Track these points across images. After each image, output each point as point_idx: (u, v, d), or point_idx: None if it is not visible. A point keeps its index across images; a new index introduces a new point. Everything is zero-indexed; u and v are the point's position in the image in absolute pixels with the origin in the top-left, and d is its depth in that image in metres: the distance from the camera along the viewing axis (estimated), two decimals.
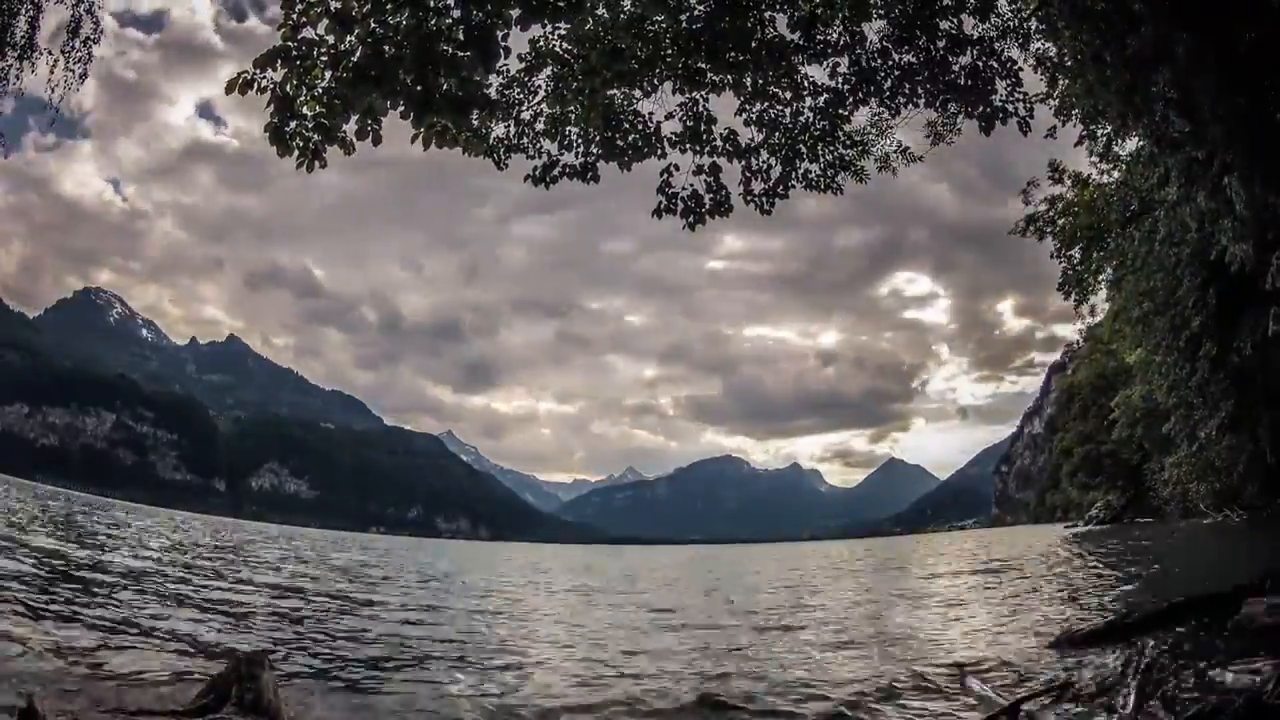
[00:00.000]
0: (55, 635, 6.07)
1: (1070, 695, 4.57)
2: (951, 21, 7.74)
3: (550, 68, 7.31)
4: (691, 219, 7.52)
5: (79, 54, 10.19)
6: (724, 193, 7.66)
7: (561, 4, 4.84)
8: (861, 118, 8.39)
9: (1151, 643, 4.90)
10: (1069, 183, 17.08)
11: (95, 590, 8.91)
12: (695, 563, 36.31)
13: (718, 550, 72.49)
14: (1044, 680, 5.12)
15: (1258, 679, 3.91)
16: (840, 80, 7.95)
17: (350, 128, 4.94)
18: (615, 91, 7.41)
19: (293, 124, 4.88)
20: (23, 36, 9.68)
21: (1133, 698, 4.13)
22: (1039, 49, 8.90)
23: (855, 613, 11.03)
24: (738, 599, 14.24)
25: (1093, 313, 19.87)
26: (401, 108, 4.70)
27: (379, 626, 8.79)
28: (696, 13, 7.23)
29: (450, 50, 4.69)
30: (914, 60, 7.80)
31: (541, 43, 7.26)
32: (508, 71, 7.34)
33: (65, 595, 8.17)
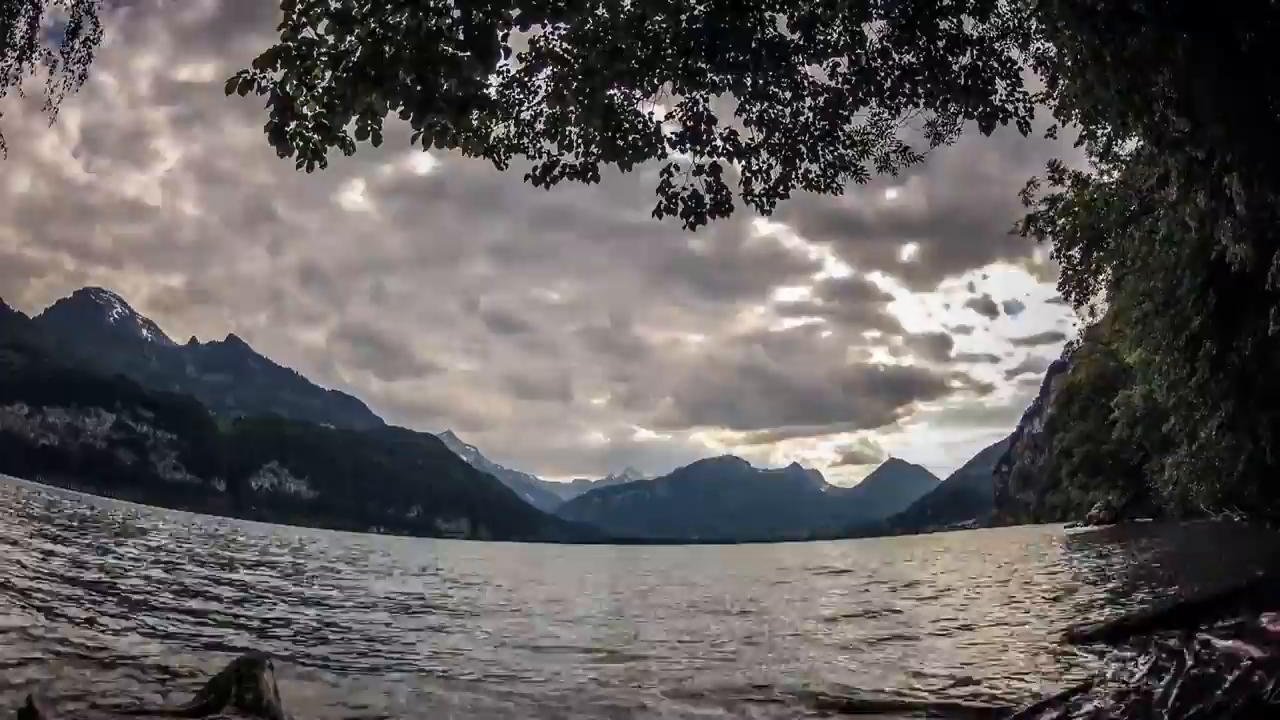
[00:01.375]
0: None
1: (1092, 695, 4.56)
2: (951, 21, 7.73)
3: (550, 68, 7.29)
4: (692, 219, 7.52)
5: (78, 54, 10.19)
6: (724, 193, 7.65)
7: (561, 4, 4.84)
8: (861, 118, 8.38)
9: (1196, 640, 4.87)
10: (1069, 183, 17.06)
11: None
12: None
13: (721, 551, 72.52)
14: (1067, 678, 5.12)
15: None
16: (840, 80, 7.94)
17: (350, 128, 4.93)
18: (615, 91, 7.39)
19: (293, 124, 4.87)
20: (22, 37, 9.68)
21: (1174, 696, 4.12)
22: (1039, 49, 8.88)
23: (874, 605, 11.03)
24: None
25: (1093, 313, 19.86)
26: (401, 107, 4.70)
27: None
28: (696, 13, 7.21)
29: (450, 50, 4.68)
30: (914, 60, 7.79)
31: (541, 43, 7.24)
32: (508, 71, 7.33)
33: None
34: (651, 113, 7.57)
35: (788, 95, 7.89)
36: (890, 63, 7.81)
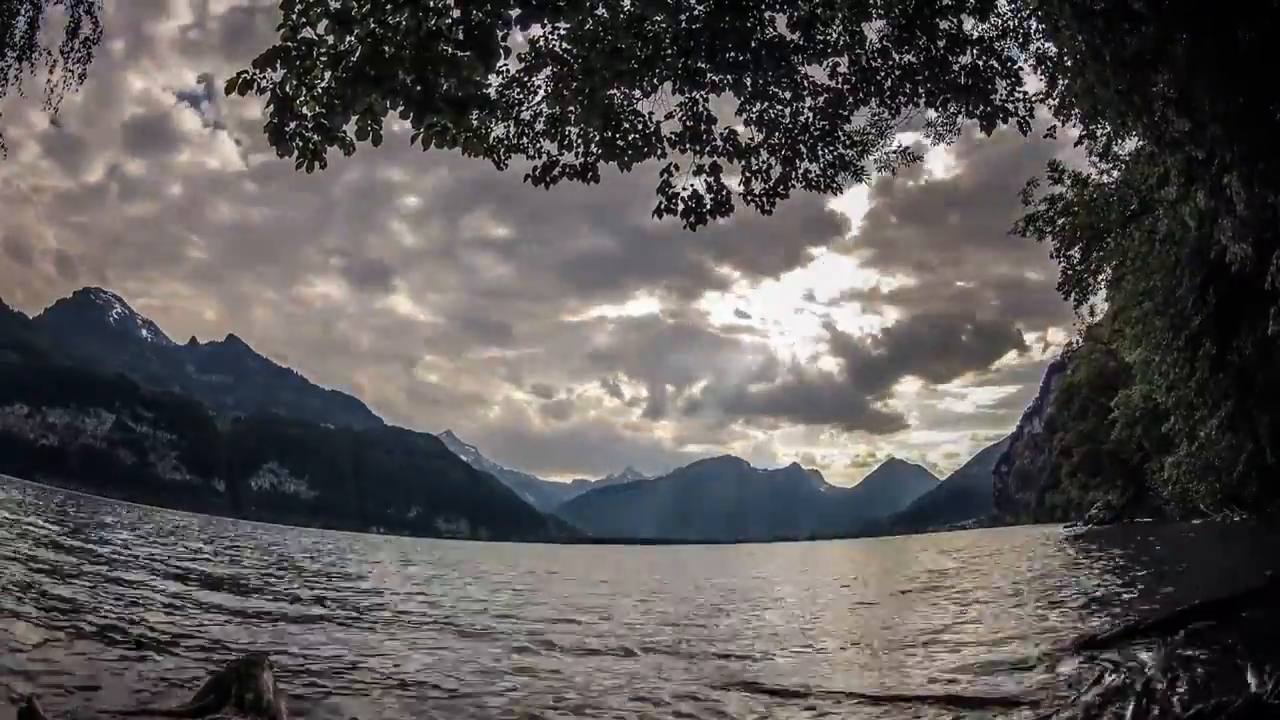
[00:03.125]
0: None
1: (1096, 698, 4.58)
2: (951, 21, 7.75)
3: (550, 68, 7.29)
4: (692, 219, 7.53)
5: (78, 54, 10.20)
6: (724, 193, 7.66)
7: (561, 3, 4.83)
8: (861, 118, 8.40)
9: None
10: (1069, 182, 17.06)
11: None
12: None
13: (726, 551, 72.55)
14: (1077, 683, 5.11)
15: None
16: (840, 80, 7.96)
17: (350, 128, 4.93)
18: (615, 91, 7.40)
19: (292, 124, 4.87)
20: (22, 37, 9.68)
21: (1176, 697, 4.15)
22: (1039, 49, 8.91)
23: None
24: None
25: (1092, 313, 19.89)
26: (401, 107, 4.69)
27: None
28: (696, 13, 7.22)
29: (450, 50, 4.68)
30: (914, 60, 7.81)
31: (541, 43, 7.24)
32: (507, 71, 7.34)
33: None
34: (651, 113, 7.59)
35: (788, 95, 7.91)
36: (890, 63, 7.83)
